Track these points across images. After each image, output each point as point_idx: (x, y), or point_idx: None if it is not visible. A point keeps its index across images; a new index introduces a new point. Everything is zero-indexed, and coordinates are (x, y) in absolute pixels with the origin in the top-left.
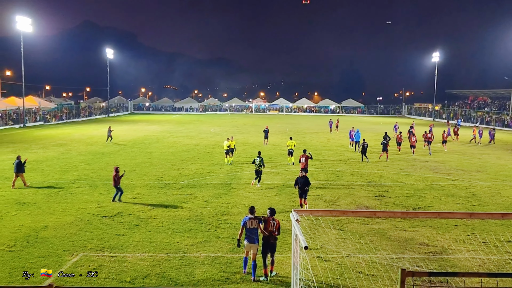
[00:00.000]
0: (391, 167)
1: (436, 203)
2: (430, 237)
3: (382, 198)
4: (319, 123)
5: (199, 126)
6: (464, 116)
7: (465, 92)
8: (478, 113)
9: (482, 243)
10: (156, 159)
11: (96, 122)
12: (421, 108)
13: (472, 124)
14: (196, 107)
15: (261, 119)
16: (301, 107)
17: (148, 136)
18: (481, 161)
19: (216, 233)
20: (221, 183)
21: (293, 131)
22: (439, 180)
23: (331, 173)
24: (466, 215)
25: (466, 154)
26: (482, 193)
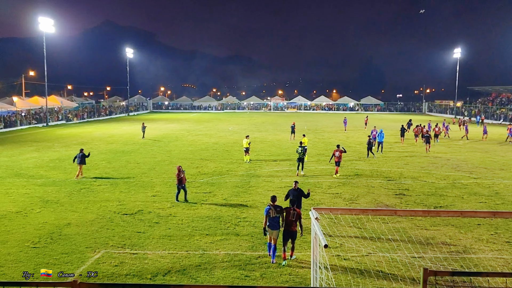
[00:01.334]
0: (411, 165)
1: (458, 202)
2: (452, 236)
3: (403, 197)
4: (338, 121)
5: (218, 124)
6: (487, 113)
7: (488, 89)
8: (502, 110)
9: (506, 243)
10: (176, 157)
11: (116, 121)
12: (442, 105)
13: (498, 122)
14: (214, 105)
15: (279, 117)
16: (319, 105)
17: (167, 134)
18: (504, 159)
19: (235, 231)
20: (240, 181)
21: (311, 129)
22: (461, 178)
23: (350, 171)
24: (489, 214)
25: (489, 151)
26: (506, 192)
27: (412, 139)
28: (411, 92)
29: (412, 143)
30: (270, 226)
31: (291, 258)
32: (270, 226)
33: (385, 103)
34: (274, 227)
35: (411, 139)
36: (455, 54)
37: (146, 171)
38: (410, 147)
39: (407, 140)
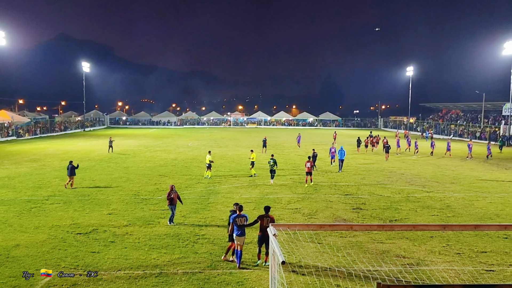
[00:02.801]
0: (368, 180)
1: (412, 215)
2: (407, 249)
3: (360, 211)
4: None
5: (177, 140)
6: (437, 128)
7: (438, 106)
8: (451, 126)
9: (457, 254)
10: (133, 174)
11: (71, 137)
12: (396, 120)
13: (447, 137)
14: (174, 121)
15: (239, 132)
16: (279, 120)
17: (125, 150)
18: (455, 173)
19: (193, 248)
20: (199, 198)
21: (271, 144)
22: (415, 192)
23: (309, 186)
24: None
25: (440, 166)
26: (456, 205)
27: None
28: (367, 108)
29: (369, 153)
30: (237, 234)
31: (265, 264)
32: (238, 234)
33: (343, 119)
34: (241, 234)
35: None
36: (408, 72)
37: (101, 188)
38: (367, 161)
39: (365, 151)
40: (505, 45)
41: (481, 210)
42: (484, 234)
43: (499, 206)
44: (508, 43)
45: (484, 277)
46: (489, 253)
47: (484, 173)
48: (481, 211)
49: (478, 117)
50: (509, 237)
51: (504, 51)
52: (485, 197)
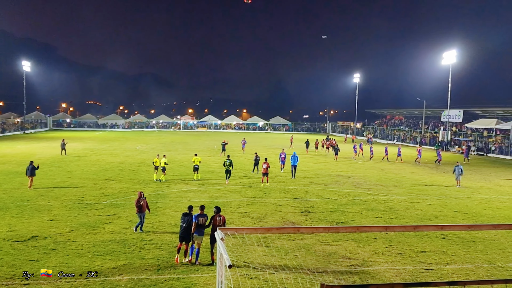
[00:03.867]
0: (316, 183)
1: (357, 217)
2: (352, 250)
3: (308, 214)
4: (248, 140)
5: (125, 143)
6: (382, 134)
7: (383, 112)
8: (395, 132)
9: (398, 255)
10: (77, 178)
11: (10, 139)
12: (344, 126)
13: (391, 142)
14: (121, 123)
15: (189, 136)
16: (229, 124)
17: (69, 154)
18: (398, 176)
19: (140, 254)
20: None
21: (220, 148)
22: (360, 195)
23: (259, 190)
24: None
25: (384, 170)
26: (399, 207)
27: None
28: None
29: (318, 157)
30: (197, 233)
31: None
32: (197, 233)
33: (293, 123)
34: (201, 233)
35: (313, 151)
36: (355, 79)
37: (43, 193)
38: (316, 165)
39: (314, 152)
40: (443, 55)
41: (421, 212)
42: (424, 234)
43: (437, 208)
44: (446, 53)
45: (423, 276)
46: (428, 252)
47: (424, 176)
48: (421, 213)
49: (419, 123)
50: (446, 237)
51: (443, 60)
52: (425, 200)
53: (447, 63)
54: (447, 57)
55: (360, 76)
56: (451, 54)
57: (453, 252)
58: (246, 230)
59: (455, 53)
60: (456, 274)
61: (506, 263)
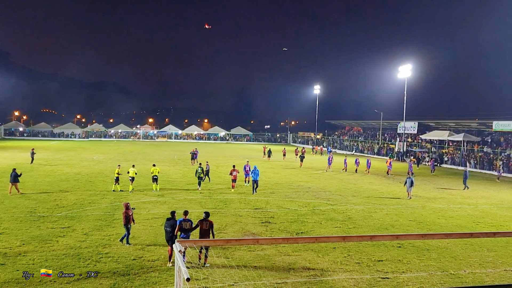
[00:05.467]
0: (277, 194)
1: (317, 227)
2: (312, 260)
3: (268, 224)
4: (209, 151)
5: (81, 153)
6: (341, 144)
7: (342, 123)
8: (354, 142)
9: (357, 264)
10: (30, 189)
11: None
12: (304, 136)
13: (351, 153)
14: (78, 133)
15: (149, 146)
16: (190, 134)
17: (21, 164)
18: (356, 187)
19: (96, 268)
20: (103, 214)
21: (182, 158)
22: (320, 205)
23: (219, 201)
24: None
25: (343, 180)
26: (357, 216)
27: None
28: (278, 124)
29: (279, 167)
30: (182, 237)
31: (205, 265)
32: (182, 237)
33: (254, 134)
34: (186, 238)
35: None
36: (315, 90)
37: None
38: (277, 175)
39: (279, 161)
40: (399, 69)
41: (378, 221)
42: (381, 243)
43: (394, 217)
44: (402, 67)
45: (380, 285)
46: (385, 261)
47: (382, 186)
48: (378, 222)
49: (377, 134)
50: (402, 246)
51: (399, 74)
52: (382, 209)
53: (403, 76)
54: (403, 70)
55: (320, 88)
56: (406, 68)
57: (409, 261)
58: (205, 242)
59: (410, 67)
60: (411, 282)
61: (458, 270)
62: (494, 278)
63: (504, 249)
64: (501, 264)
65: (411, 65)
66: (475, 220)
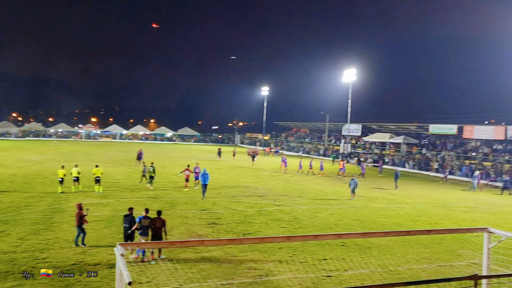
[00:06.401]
0: (224, 195)
1: (263, 228)
2: (258, 260)
3: (215, 226)
4: (155, 151)
5: (17, 153)
6: (288, 146)
7: (290, 124)
8: (301, 144)
9: (301, 263)
10: None
11: None
12: (252, 137)
13: (297, 154)
14: (14, 132)
15: (92, 146)
16: (136, 134)
17: None
18: (302, 187)
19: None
20: (41, 217)
21: (127, 159)
22: (267, 205)
23: (165, 202)
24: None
25: (290, 181)
26: (303, 216)
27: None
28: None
29: (226, 168)
30: (141, 233)
31: (160, 258)
32: (141, 233)
33: (202, 134)
34: (145, 234)
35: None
36: (263, 92)
37: None
38: (224, 176)
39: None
40: (344, 73)
41: (323, 221)
42: (325, 243)
43: (338, 217)
44: (347, 71)
45: (323, 283)
46: (328, 260)
47: (327, 187)
48: (323, 222)
49: (322, 136)
50: (345, 244)
51: (344, 78)
52: (326, 209)
53: (348, 80)
54: (347, 74)
55: (268, 89)
56: (351, 72)
57: (351, 259)
58: (148, 245)
59: (355, 71)
60: (354, 279)
61: (397, 266)
62: (430, 273)
63: (439, 246)
64: (436, 260)
65: (356, 69)
66: (413, 219)
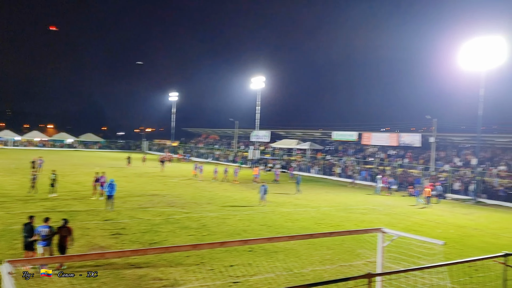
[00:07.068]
0: (129, 204)
1: (171, 237)
2: (164, 270)
3: (119, 236)
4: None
5: None
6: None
7: (199, 131)
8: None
9: (210, 270)
10: None
11: None
12: (160, 144)
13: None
14: None
15: None
16: (31, 140)
17: None
18: (211, 194)
19: None
20: None
21: (20, 167)
22: (175, 213)
23: (64, 213)
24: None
25: (199, 188)
26: (211, 224)
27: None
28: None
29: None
30: (43, 245)
31: (63, 267)
32: (43, 245)
33: (106, 141)
34: (46, 244)
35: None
36: (171, 97)
37: None
38: (130, 184)
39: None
40: (252, 80)
41: (231, 227)
42: (233, 249)
43: (246, 222)
44: (254, 78)
45: None
46: (236, 266)
47: (236, 193)
48: (231, 228)
49: (232, 142)
50: (253, 250)
51: (253, 85)
52: (235, 215)
53: (256, 87)
54: (256, 82)
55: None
56: (259, 80)
57: (258, 264)
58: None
59: (264, 79)
60: (260, 284)
61: (301, 269)
62: (331, 274)
63: (340, 247)
64: (338, 260)
65: (264, 77)
66: (317, 222)
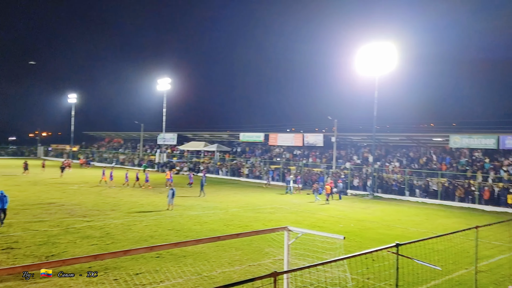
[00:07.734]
0: (22, 215)
1: (71, 248)
2: (63, 284)
3: (11, 251)
4: None
5: None
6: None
7: (102, 134)
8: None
9: (114, 280)
10: None
11: None
12: (58, 149)
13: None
14: None
15: None
16: None
17: None
18: (115, 200)
19: None
20: None
21: None
22: (75, 223)
23: None
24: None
25: (102, 194)
26: (116, 231)
27: None
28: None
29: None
30: None
31: None
32: None
33: None
34: None
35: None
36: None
37: None
38: (23, 193)
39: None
40: (158, 81)
41: (138, 234)
42: (140, 256)
43: (153, 228)
44: (161, 80)
45: None
46: (143, 273)
47: (142, 198)
48: (138, 235)
49: (137, 146)
50: (160, 255)
51: (158, 86)
52: (142, 221)
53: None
54: (162, 83)
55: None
56: (165, 81)
57: (167, 270)
58: None
59: (170, 81)
60: None
61: (210, 272)
62: (240, 274)
63: (249, 247)
64: (247, 260)
65: (170, 78)
66: (226, 223)
